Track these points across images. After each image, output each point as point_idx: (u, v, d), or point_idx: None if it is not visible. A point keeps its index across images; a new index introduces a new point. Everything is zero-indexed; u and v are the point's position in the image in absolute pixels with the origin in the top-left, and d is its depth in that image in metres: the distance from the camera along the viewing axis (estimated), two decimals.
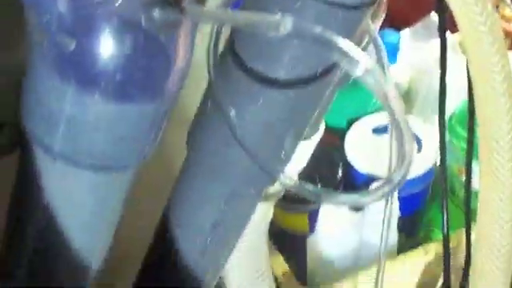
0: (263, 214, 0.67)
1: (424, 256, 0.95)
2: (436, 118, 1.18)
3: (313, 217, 0.97)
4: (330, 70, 0.44)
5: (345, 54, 0.31)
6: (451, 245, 0.81)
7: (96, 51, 0.32)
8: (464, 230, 0.79)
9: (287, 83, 0.43)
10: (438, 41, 1.31)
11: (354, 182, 1.00)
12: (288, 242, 0.96)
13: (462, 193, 1.06)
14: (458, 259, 0.89)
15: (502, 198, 0.58)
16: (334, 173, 1.01)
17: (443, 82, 0.73)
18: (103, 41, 0.32)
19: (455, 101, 1.00)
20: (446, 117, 0.75)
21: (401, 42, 1.16)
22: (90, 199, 0.41)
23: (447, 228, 0.84)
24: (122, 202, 0.43)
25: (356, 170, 1.00)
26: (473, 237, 0.76)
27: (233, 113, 0.44)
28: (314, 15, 0.41)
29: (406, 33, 1.22)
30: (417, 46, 1.20)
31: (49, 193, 0.39)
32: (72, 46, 0.32)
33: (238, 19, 0.32)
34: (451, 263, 0.82)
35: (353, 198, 0.39)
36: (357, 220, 0.95)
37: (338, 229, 0.95)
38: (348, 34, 0.44)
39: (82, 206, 0.41)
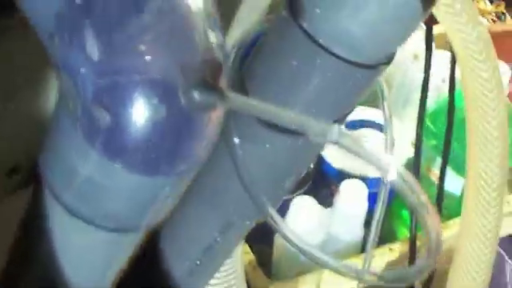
0: None
1: (388, 254, 0.97)
2: (405, 113, 1.18)
3: (282, 210, 0.97)
4: (340, 121, 0.44)
5: (379, 165, 0.32)
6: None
7: (129, 125, 0.31)
8: None
9: (297, 131, 0.43)
10: (414, 34, 1.29)
11: (325, 176, 1.01)
12: (255, 232, 0.96)
13: (429, 192, 1.07)
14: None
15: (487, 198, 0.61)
16: None
17: (426, 84, 0.73)
18: (138, 116, 0.31)
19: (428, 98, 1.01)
20: (417, 114, 0.75)
21: None
22: (98, 255, 0.40)
23: (415, 226, 0.86)
24: (128, 257, 0.42)
25: (328, 164, 1.01)
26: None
27: (239, 152, 0.44)
28: (333, 72, 0.41)
29: None
30: None
31: (55, 242, 0.39)
32: (105, 120, 0.31)
33: (282, 117, 0.31)
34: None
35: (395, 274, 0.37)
36: (325, 215, 0.96)
37: (306, 223, 0.95)
38: (364, 89, 0.44)
39: (89, 260, 0.40)
